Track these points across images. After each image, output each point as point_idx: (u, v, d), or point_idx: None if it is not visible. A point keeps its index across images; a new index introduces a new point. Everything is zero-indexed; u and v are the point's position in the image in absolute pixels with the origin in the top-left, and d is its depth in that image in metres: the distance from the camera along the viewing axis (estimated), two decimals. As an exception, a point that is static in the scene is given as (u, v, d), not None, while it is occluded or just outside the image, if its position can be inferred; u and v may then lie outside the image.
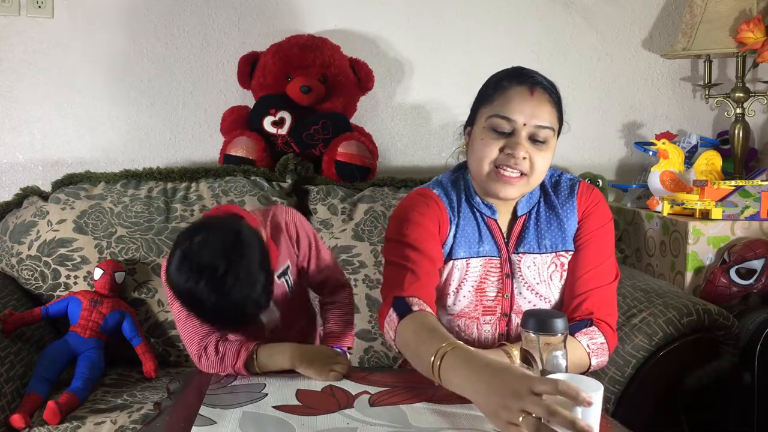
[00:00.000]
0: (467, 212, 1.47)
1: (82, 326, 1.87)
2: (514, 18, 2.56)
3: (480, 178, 1.42)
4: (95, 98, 2.44)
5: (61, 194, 2.12)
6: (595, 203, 1.48)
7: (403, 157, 2.57)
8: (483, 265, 1.45)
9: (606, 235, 1.48)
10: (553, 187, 1.50)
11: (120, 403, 1.74)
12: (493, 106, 1.39)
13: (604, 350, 1.41)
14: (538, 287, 1.45)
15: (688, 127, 2.64)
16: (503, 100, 1.38)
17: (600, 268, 1.45)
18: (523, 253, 1.45)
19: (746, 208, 2.12)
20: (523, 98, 1.37)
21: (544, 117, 1.37)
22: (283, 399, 1.24)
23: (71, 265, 2.04)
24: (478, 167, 1.41)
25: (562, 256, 1.46)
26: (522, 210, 1.47)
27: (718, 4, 2.32)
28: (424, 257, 1.39)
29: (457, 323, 1.48)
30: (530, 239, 1.46)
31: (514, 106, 1.37)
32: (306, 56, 2.30)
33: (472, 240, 1.45)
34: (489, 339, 1.48)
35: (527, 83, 1.38)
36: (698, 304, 1.71)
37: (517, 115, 1.36)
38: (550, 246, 1.46)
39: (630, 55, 2.62)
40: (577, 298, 1.43)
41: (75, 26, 2.41)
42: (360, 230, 2.10)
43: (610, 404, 1.64)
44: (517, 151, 1.36)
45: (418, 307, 1.32)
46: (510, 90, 1.38)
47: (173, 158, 2.48)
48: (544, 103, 1.38)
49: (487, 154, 1.38)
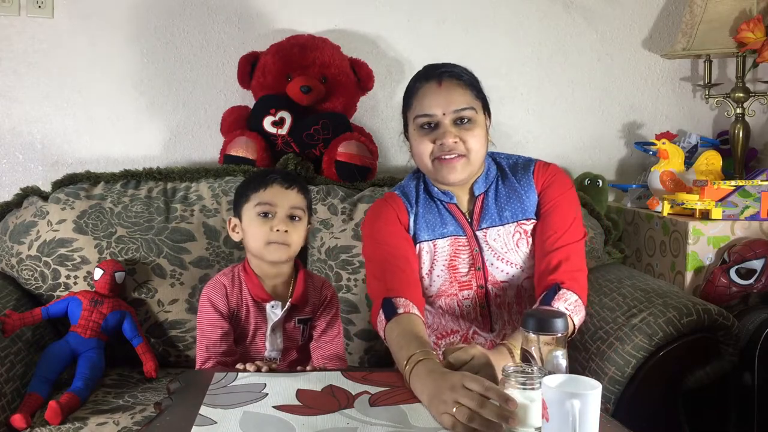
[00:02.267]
0: (426, 202, 1.62)
1: (82, 326, 1.87)
2: (514, 18, 2.55)
3: (428, 172, 1.57)
4: (95, 98, 2.44)
5: (61, 194, 2.12)
6: (552, 175, 1.60)
7: (403, 157, 2.56)
8: (450, 244, 1.58)
9: (569, 200, 1.59)
10: (511, 168, 1.63)
11: (122, 404, 1.74)
12: (413, 108, 1.54)
13: (580, 306, 1.48)
14: (507, 255, 1.58)
15: (688, 127, 2.64)
16: (418, 100, 1.54)
17: (567, 229, 1.54)
18: (487, 228, 1.58)
19: (746, 208, 2.12)
20: (433, 92, 1.52)
21: (459, 101, 1.51)
22: (283, 399, 1.24)
23: (71, 265, 2.04)
24: (422, 163, 1.56)
25: (524, 224, 1.58)
26: (479, 190, 1.60)
27: (718, 4, 2.32)
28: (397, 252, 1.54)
29: (439, 304, 1.61)
30: (491, 214, 1.58)
31: (428, 102, 1.52)
32: (306, 56, 2.30)
33: (434, 224, 1.59)
34: (471, 313, 1.60)
35: (434, 77, 1.53)
36: (698, 304, 1.71)
37: (434, 108, 1.51)
38: (511, 217, 1.58)
39: (630, 55, 2.62)
40: (548, 255, 1.52)
41: (75, 26, 2.41)
42: (360, 230, 2.10)
43: (610, 404, 1.64)
44: (446, 139, 1.50)
45: (404, 309, 1.43)
46: (421, 89, 1.54)
47: (173, 158, 2.48)
48: (455, 88, 1.52)
49: (424, 150, 1.53)
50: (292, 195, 1.62)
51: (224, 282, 1.64)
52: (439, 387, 1.15)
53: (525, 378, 1.08)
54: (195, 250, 2.07)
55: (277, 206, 1.60)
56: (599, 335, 1.75)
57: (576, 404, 0.96)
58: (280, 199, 1.60)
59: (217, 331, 1.59)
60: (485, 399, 1.08)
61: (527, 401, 1.08)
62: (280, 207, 1.60)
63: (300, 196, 1.63)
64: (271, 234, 1.58)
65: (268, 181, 1.61)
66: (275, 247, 1.59)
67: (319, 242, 2.11)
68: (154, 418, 1.21)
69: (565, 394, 0.97)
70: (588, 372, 1.71)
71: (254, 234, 1.60)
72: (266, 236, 1.59)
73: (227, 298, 1.62)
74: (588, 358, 1.75)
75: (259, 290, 1.63)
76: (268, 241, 1.59)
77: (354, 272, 2.07)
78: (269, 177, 1.62)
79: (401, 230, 1.59)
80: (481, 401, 1.08)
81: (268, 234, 1.58)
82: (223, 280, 1.64)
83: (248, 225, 1.62)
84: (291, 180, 1.63)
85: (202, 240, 2.08)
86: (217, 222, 2.10)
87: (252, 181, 1.65)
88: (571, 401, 0.96)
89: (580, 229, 1.57)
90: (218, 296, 1.62)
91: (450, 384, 1.13)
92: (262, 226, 1.59)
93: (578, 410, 0.95)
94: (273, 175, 1.63)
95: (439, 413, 1.13)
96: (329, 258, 2.09)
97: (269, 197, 1.60)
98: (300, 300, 1.65)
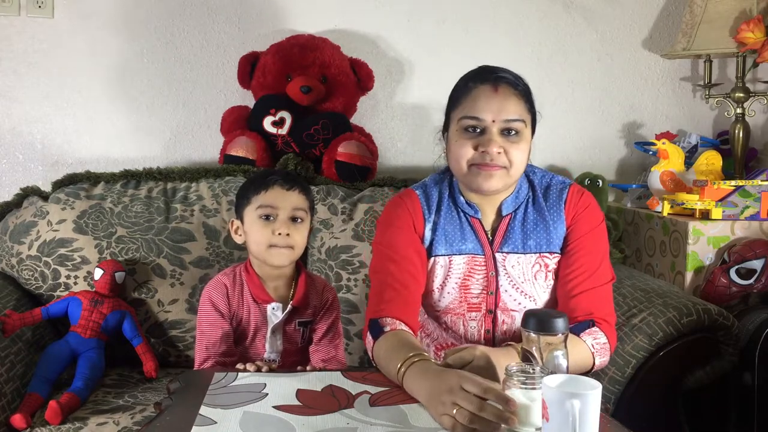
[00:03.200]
0: (450, 211, 1.53)
1: (82, 326, 1.87)
2: (514, 18, 2.56)
3: (462, 177, 1.48)
4: (95, 98, 2.44)
5: (61, 194, 2.12)
6: (584, 207, 1.51)
7: (403, 157, 2.57)
8: (466, 262, 1.51)
9: (597, 238, 1.51)
10: (544, 190, 1.54)
11: (122, 404, 1.74)
12: (462, 108, 1.45)
13: (606, 350, 1.43)
14: (523, 286, 1.50)
15: (688, 127, 2.63)
16: (470, 101, 1.44)
17: (594, 271, 1.47)
18: (507, 253, 1.50)
19: (746, 208, 2.12)
20: (488, 96, 1.43)
21: (512, 110, 1.43)
22: (283, 399, 1.24)
23: (71, 265, 2.04)
24: (457, 167, 1.47)
25: (546, 258, 1.50)
26: (507, 210, 1.52)
27: (718, 4, 2.32)
28: (402, 268, 1.47)
29: (444, 320, 1.55)
30: (515, 239, 1.50)
31: (480, 105, 1.43)
32: (306, 56, 2.30)
33: (454, 238, 1.51)
34: (475, 335, 1.54)
35: (490, 80, 1.44)
36: (698, 304, 1.71)
37: (485, 113, 1.42)
38: (535, 246, 1.50)
39: (630, 55, 2.62)
40: (574, 298, 1.45)
41: (75, 26, 2.41)
42: (360, 230, 2.10)
43: (610, 404, 1.64)
44: (490, 148, 1.41)
45: (390, 327, 1.39)
46: (475, 90, 1.45)
47: (173, 158, 2.48)
48: (510, 97, 1.43)
49: (463, 154, 1.44)
50: (293, 196, 1.60)
51: (226, 282, 1.63)
52: (437, 388, 1.14)
53: (526, 378, 1.08)
54: (195, 250, 2.07)
55: (279, 208, 1.59)
56: (599, 335, 1.75)
57: (576, 404, 0.96)
58: (282, 201, 1.59)
59: (217, 331, 1.59)
60: (484, 401, 1.08)
61: (528, 401, 1.08)
62: (282, 209, 1.59)
63: (301, 196, 1.62)
64: (273, 237, 1.57)
65: (269, 182, 1.60)
66: (277, 251, 1.58)
67: (319, 242, 2.11)
68: (154, 418, 1.21)
69: (565, 394, 0.97)
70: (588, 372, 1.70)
71: (256, 237, 1.59)
72: (268, 239, 1.58)
73: (228, 298, 1.62)
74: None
75: (261, 291, 1.63)
76: (270, 244, 1.58)
77: (354, 272, 2.06)
78: (270, 178, 1.61)
79: (414, 240, 1.51)
80: (481, 404, 1.07)
81: (270, 237, 1.57)
82: (224, 280, 1.64)
83: (250, 228, 1.61)
84: (292, 181, 1.62)
85: (202, 240, 2.08)
86: (217, 222, 2.10)
87: (253, 183, 1.64)
88: (571, 401, 0.96)
89: (609, 270, 1.50)
90: (219, 296, 1.61)
91: (448, 386, 1.12)
92: (263, 229, 1.58)
93: (578, 410, 0.95)
94: (273, 177, 1.62)
95: (439, 414, 1.12)
96: (329, 258, 2.09)
97: (270, 199, 1.59)
98: (301, 302, 1.65)
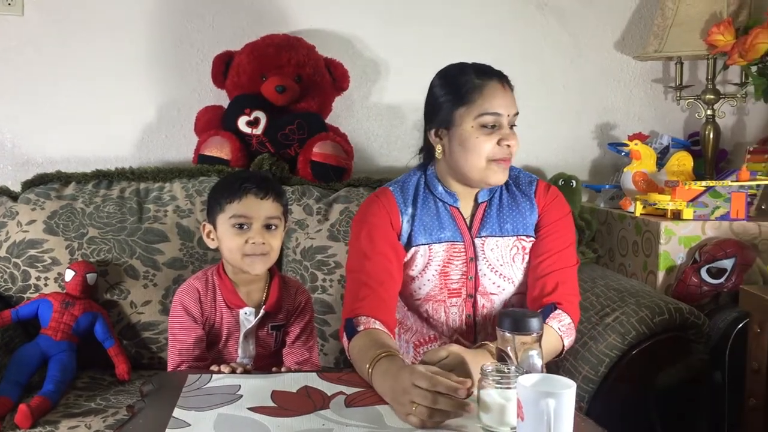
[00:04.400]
0: (427, 202, 1.57)
1: (53, 329, 1.85)
2: (489, 19, 2.56)
3: (476, 172, 1.50)
4: (66, 97, 2.40)
5: (31, 194, 2.09)
6: (553, 198, 1.59)
7: (379, 158, 2.57)
8: (446, 249, 1.55)
9: (566, 226, 1.59)
10: (514, 180, 1.61)
11: (93, 407, 1.72)
12: (478, 105, 1.48)
13: (572, 329, 1.50)
14: (501, 268, 1.55)
15: (660, 129, 2.67)
16: (487, 98, 1.48)
17: (561, 253, 1.55)
18: (486, 237, 1.55)
19: (717, 208, 2.15)
20: (500, 92, 1.49)
21: (514, 105, 1.52)
22: (258, 400, 1.23)
23: (42, 266, 2.01)
24: (476, 163, 1.49)
25: (523, 240, 1.57)
26: (483, 197, 1.58)
27: (689, 7, 2.35)
28: (378, 265, 1.49)
29: (426, 308, 1.58)
30: (492, 223, 1.56)
31: (498, 102, 1.48)
32: (281, 56, 2.29)
33: (432, 227, 1.55)
34: (457, 321, 1.58)
35: (496, 77, 1.50)
36: (670, 303, 1.73)
37: (502, 108, 1.48)
38: (512, 230, 1.56)
39: (603, 57, 2.64)
40: (541, 279, 1.52)
41: (46, 24, 2.38)
42: (335, 231, 2.10)
43: (584, 403, 1.66)
44: (511, 141, 1.49)
45: (364, 326, 1.41)
46: (487, 87, 1.49)
47: (146, 158, 2.45)
48: (510, 92, 1.52)
49: (485, 151, 1.48)
50: (266, 205, 1.57)
51: (198, 287, 1.61)
52: (395, 389, 1.17)
53: (501, 377, 1.09)
54: (168, 251, 2.05)
55: (253, 218, 1.56)
56: (573, 334, 1.77)
57: (551, 403, 0.96)
58: (255, 211, 1.56)
59: (190, 335, 1.57)
60: (438, 394, 1.10)
61: (504, 400, 1.08)
62: (256, 219, 1.56)
63: (275, 204, 1.59)
64: (246, 246, 1.55)
65: (242, 191, 1.56)
66: (252, 259, 1.56)
67: (294, 243, 2.11)
68: (126, 422, 1.20)
69: (540, 394, 0.98)
70: (562, 371, 1.72)
71: (230, 245, 1.57)
72: (242, 248, 1.55)
73: (201, 303, 1.60)
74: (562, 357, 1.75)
75: (233, 296, 1.61)
76: (245, 253, 1.56)
77: (329, 273, 2.06)
78: (243, 187, 1.56)
79: (390, 236, 1.53)
80: (434, 397, 1.10)
81: (244, 246, 1.55)
82: (196, 284, 1.62)
83: (223, 236, 1.58)
84: (265, 189, 1.58)
85: (175, 241, 2.06)
86: (191, 222, 2.09)
87: (225, 190, 1.59)
88: (545, 400, 0.97)
89: (575, 255, 1.58)
90: (191, 301, 1.59)
91: (402, 386, 1.14)
92: (237, 238, 1.56)
93: (553, 409, 0.96)
94: (246, 185, 1.57)
95: (403, 415, 1.14)
96: (305, 258, 2.08)
97: (244, 209, 1.56)
98: (273, 307, 1.64)
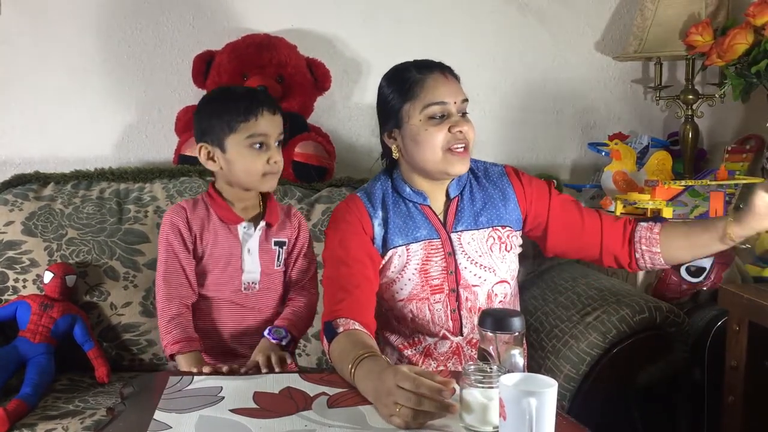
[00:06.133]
0: (397, 204, 1.58)
1: (31, 331, 1.83)
2: (469, 19, 2.57)
3: (433, 165, 1.51)
4: (45, 97, 2.38)
5: (9, 195, 2.07)
6: (528, 182, 1.64)
7: (361, 158, 2.56)
8: (423, 248, 1.56)
9: (560, 195, 1.65)
10: (483, 173, 1.63)
11: (71, 410, 1.70)
12: (421, 99, 1.49)
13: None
14: (480, 260, 1.57)
15: (639, 128, 2.68)
16: (429, 90, 1.50)
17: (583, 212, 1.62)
18: (462, 231, 1.57)
19: (696, 207, 2.17)
20: (443, 82, 1.51)
21: (461, 92, 1.52)
22: (240, 402, 1.22)
23: (20, 268, 1.99)
24: (431, 155, 1.50)
25: (499, 231, 1.59)
26: (454, 192, 1.59)
27: (668, 7, 2.37)
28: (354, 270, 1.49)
29: (410, 308, 1.58)
30: (466, 217, 1.58)
31: (441, 91, 1.49)
32: (262, 56, 2.28)
33: (406, 229, 1.56)
34: (442, 317, 1.58)
35: (437, 68, 1.52)
36: (650, 301, 1.74)
37: (447, 97, 1.50)
38: (486, 222, 1.58)
39: (583, 58, 2.66)
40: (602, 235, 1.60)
41: (23, 23, 2.35)
42: (318, 231, 2.09)
43: (566, 401, 1.66)
44: (462, 127, 1.49)
45: (344, 328, 1.40)
46: (428, 79, 1.50)
47: (126, 158, 2.43)
48: (455, 81, 1.53)
49: (438, 141, 1.49)
50: (278, 120, 1.57)
51: (184, 206, 1.62)
52: (378, 390, 1.16)
53: (483, 377, 1.09)
54: (149, 252, 2.03)
55: (270, 136, 1.55)
56: (555, 333, 1.78)
57: (533, 402, 0.97)
58: (272, 128, 1.55)
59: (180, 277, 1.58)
60: (421, 395, 1.10)
61: (486, 400, 1.09)
62: (272, 136, 1.56)
63: (281, 118, 1.59)
64: (267, 166, 1.55)
65: (257, 110, 1.53)
66: (270, 177, 1.57)
67: (276, 243, 2.10)
68: (106, 424, 1.19)
69: (522, 393, 0.98)
70: (544, 370, 1.73)
71: (248, 167, 1.55)
72: (263, 168, 1.55)
73: (189, 222, 1.59)
74: (544, 356, 1.77)
75: (228, 212, 1.60)
76: (265, 172, 1.56)
77: (311, 273, 2.05)
78: (254, 104, 1.54)
79: (364, 242, 1.53)
80: (417, 399, 1.10)
81: (265, 166, 1.55)
82: (183, 204, 1.62)
83: (238, 157, 1.55)
84: (272, 104, 1.58)
85: (156, 242, 2.03)
86: (172, 223, 2.07)
87: (234, 109, 1.54)
88: (527, 399, 0.97)
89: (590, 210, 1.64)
90: (179, 219, 1.59)
91: (386, 387, 1.14)
92: (257, 159, 1.54)
93: (535, 408, 0.96)
94: (256, 102, 1.54)
95: (386, 416, 1.14)
96: (286, 259, 2.07)
97: (263, 128, 1.54)
98: (273, 218, 1.63)
